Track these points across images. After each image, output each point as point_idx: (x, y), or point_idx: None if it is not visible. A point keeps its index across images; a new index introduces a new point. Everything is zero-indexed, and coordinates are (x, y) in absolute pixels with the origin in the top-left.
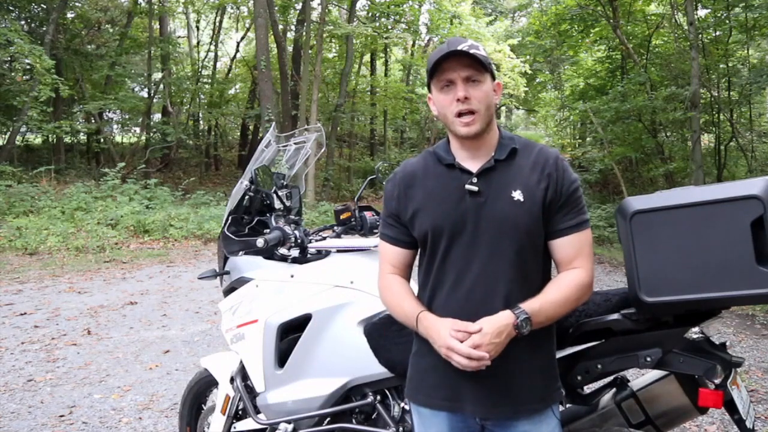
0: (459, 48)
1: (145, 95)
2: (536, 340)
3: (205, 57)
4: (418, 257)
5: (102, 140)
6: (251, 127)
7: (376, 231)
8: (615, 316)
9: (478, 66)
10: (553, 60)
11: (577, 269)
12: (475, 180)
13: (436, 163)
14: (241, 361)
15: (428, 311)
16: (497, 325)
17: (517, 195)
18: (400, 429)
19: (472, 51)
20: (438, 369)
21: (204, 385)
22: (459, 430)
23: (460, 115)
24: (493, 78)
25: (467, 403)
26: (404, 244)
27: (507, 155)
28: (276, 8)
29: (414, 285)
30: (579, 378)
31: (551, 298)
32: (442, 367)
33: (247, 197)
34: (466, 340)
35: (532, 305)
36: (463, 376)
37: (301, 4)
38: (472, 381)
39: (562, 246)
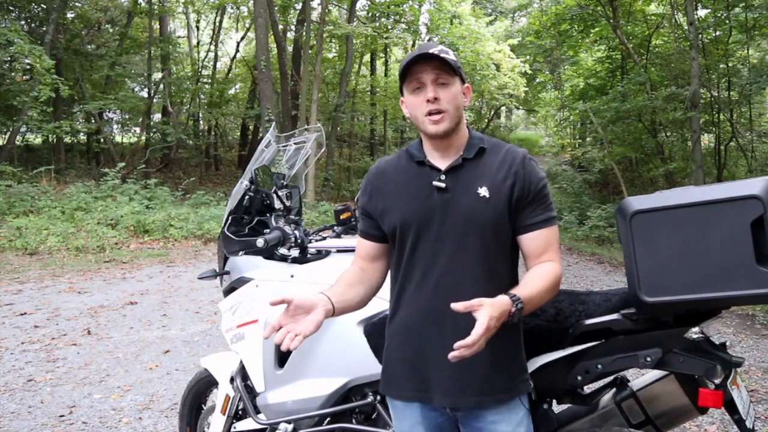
0: (429, 51)
1: (145, 95)
2: (503, 330)
3: (205, 57)
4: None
5: (102, 140)
6: (251, 127)
7: None
8: (615, 316)
9: (448, 69)
10: (553, 60)
11: (550, 261)
12: (443, 177)
13: (409, 161)
14: (241, 361)
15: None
16: (500, 310)
17: (483, 191)
18: None
19: (442, 55)
20: (407, 361)
21: (204, 385)
22: (431, 420)
23: (429, 114)
24: (463, 81)
25: (435, 394)
26: (373, 237)
27: (475, 154)
28: (276, 8)
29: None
30: (579, 378)
31: (538, 288)
32: (411, 359)
33: (247, 197)
34: None
35: (524, 293)
36: (430, 366)
37: (301, 4)
38: (438, 371)
39: (532, 240)
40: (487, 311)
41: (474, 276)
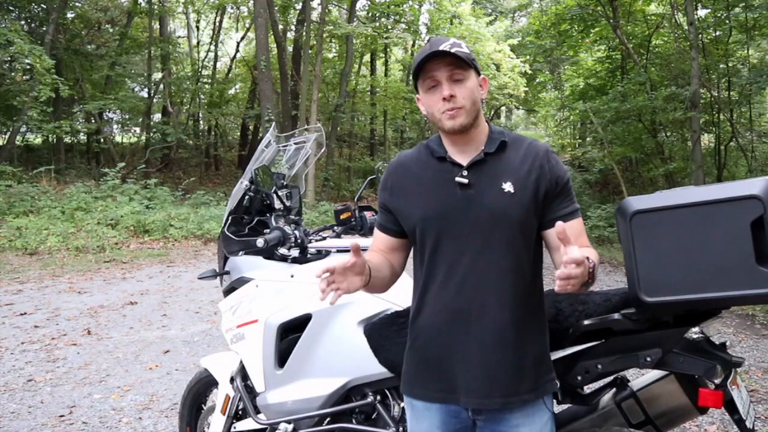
0: (441, 48)
1: (145, 95)
2: (530, 327)
3: (205, 57)
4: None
5: (102, 140)
6: (251, 127)
7: None
8: (615, 316)
9: (462, 64)
10: (553, 60)
11: (586, 247)
12: (465, 173)
13: (429, 156)
14: (241, 361)
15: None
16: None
17: (508, 187)
18: (400, 429)
19: (454, 50)
20: (432, 361)
21: (204, 385)
22: (451, 425)
23: (446, 111)
24: (478, 74)
25: (461, 395)
26: (391, 231)
27: (497, 148)
28: (276, 8)
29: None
30: (579, 378)
31: (595, 259)
32: (436, 359)
33: (247, 197)
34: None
35: (592, 258)
36: (456, 366)
37: (301, 4)
38: (464, 372)
39: None
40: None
41: (500, 273)
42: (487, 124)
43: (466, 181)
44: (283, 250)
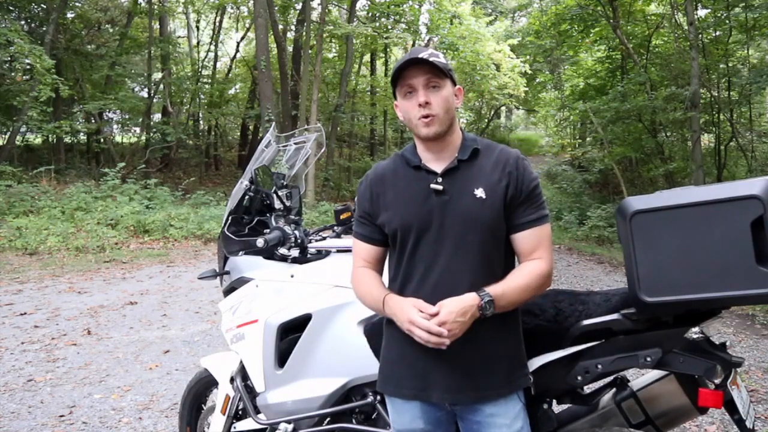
0: (419, 56)
1: (145, 95)
2: (501, 327)
3: (205, 57)
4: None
5: (102, 140)
6: (251, 127)
7: None
8: (615, 316)
9: (438, 72)
10: (553, 60)
11: (537, 260)
12: (439, 180)
13: (405, 165)
14: (241, 361)
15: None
16: (462, 305)
17: (479, 192)
18: None
19: (431, 59)
20: (405, 359)
21: (204, 385)
22: (430, 414)
23: (421, 118)
24: (454, 84)
25: (435, 391)
26: (376, 241)
27: (469, 156)
28: (276, 8)
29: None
30: (579, 378)
31: (514, 284)
32: (410, 357)
33: (247, 197)
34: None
35: (495, 289)
36: (429, 364)
37: (301, 4)
38: (439, 368)
39: (523, 239)
40: (446, 308)
41: (472, 274)
42: (461, 131)
43: (440, 187)
44: (283, 250)
